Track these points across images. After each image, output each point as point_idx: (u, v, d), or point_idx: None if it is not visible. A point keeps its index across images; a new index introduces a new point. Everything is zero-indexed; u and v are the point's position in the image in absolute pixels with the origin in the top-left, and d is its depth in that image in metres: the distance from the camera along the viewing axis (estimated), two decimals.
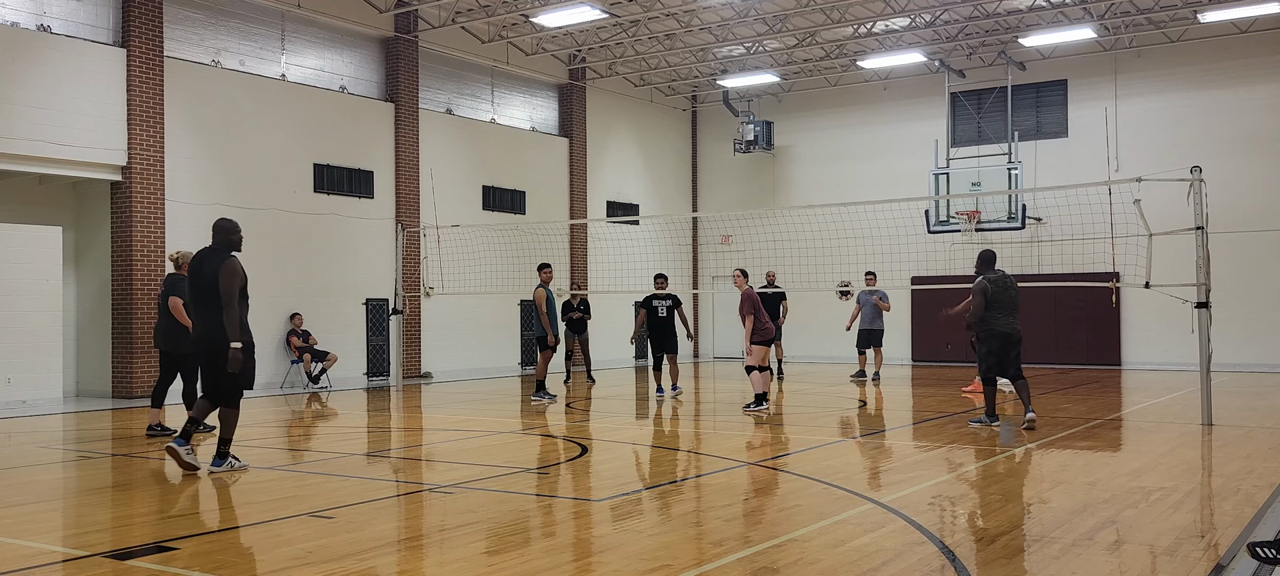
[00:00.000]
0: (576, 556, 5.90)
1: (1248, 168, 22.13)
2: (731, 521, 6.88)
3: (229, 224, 9.19)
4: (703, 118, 29.77)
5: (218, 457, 8.78)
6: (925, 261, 23.51)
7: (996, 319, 11.21)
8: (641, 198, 27.83)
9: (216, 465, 8.74)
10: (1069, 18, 22.07)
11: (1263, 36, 22.28)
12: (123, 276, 16.87)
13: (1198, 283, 11.85)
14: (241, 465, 8.88)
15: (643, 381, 20.35)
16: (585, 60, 25.45)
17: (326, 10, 19.99)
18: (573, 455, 10.04)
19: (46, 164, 16.06)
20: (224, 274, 8.69)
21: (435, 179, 20.68)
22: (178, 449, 8.64)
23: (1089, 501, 7.43)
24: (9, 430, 12.52)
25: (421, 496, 8.01)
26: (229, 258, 8.86)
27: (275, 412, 14.55)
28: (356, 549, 6.08)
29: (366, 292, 20.65)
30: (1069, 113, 24.45)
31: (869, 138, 26.73)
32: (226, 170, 18.33)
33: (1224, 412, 12.77)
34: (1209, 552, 5.83)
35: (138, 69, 16.82)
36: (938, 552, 5.80)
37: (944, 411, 13.75)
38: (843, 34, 23.68)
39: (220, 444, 8.80)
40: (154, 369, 16.87)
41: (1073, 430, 11.53)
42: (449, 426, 10.70)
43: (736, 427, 12.05)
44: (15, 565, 5.71)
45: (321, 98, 20.03)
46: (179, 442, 8.70)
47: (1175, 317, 17.67)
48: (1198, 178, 11.88)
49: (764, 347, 13.42)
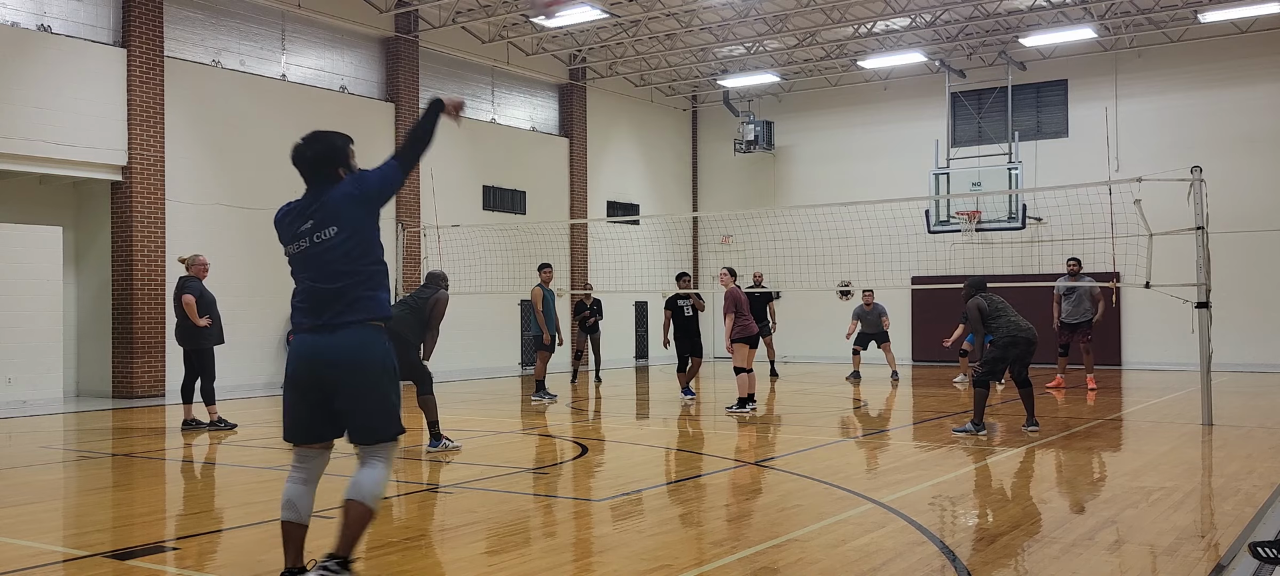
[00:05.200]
0: (576, 556, 5.89)
1: (1248, 168, 22.12)
2: (731, 521, 6.88)
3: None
4: (703, 118, 29.77)
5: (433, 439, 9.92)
6: (925, 261, 23.51)
7: (1013, 324, 10.88)
8: (642, 198, 27.83)
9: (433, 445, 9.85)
10: (1069, 18, 22.07)
11: (1263, 36, 22.28)
12: (123, 276, 16.87)
13: (1198, 282, 11.84)
14: (455, 445, 9.96)
15: (644, 381, 20.35)
16: (585, 60, 25.45)
17: (327, 10, 19.99)
18: (573, 455, 10.04)
19: (46, 164, 16.05)
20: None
21: (435, 179, 20.67)
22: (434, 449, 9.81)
23: (1089, 501, 7.43)
24: (9, 430, 12.53)
25: (421, 496, 8.01)
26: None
27: (275, 412, 14.55)
28: (357, 549, 6.08)
29: None
30: (1069, 113, 24.45)
31: (869, 138, 26.73)
32: (227, 170, 18.33)
33: (1224, 412, 12.76)
34: (1209, 552, 5.83)
35: (138, 69, 16.82)
36: (938, 552, 5.80)
37: (944, 411, 13.75)
38: (843, 34, 23.68)
39: (432, 427, 10.01)
40: (154, 369, 16.92)
41: (1073, 430, 11.53)
42: (449, 426, 10.71)
43: (736, 428, 12.04)
44: (15, 565, 5.71)
45: (322, 98, 20.03)
46: (433, 444, 9.90)
47: (1175, 317, 17.68)
48: (1198, 178, 11.88)
49: (746, 347, 13.26)
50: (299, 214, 4.79)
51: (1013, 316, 10.98)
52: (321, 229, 4.69)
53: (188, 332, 11.77)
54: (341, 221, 4.67)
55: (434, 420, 9.99)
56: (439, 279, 10.45)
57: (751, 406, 13.23)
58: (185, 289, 11.72)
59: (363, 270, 4.71)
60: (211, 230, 17.75)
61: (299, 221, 4.77)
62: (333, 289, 4.68)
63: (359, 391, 4.68)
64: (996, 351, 10.97)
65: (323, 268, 4.70)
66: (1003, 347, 10.92)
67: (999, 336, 10.92)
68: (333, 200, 4.71)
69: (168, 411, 14.58)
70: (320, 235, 4.69)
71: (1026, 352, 10.96)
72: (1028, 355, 10.99)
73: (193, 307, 11.62)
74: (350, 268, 4.68)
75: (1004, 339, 10.88)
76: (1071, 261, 16.44)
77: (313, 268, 4.73)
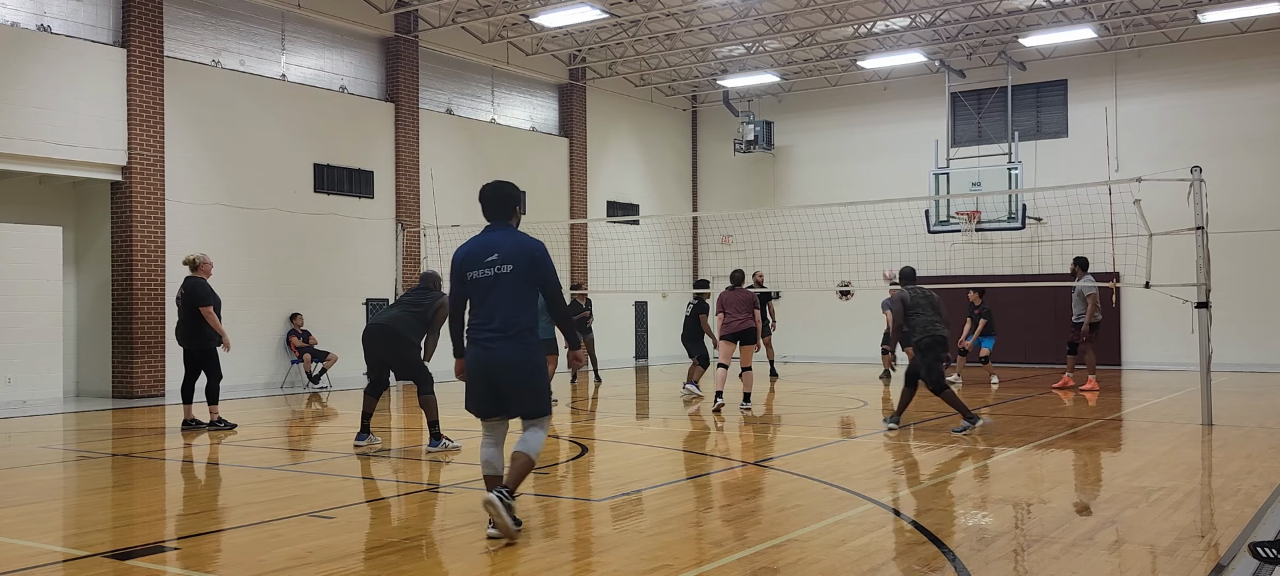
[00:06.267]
0: (576, 556, 5.89)
1: (1248, 168, 22.13)
2: (731, 521, 6.88)
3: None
4: (703, 118, 29.77)
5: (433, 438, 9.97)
6: (925, 261, 23.46)
7: (930, 322, 11.01)
8: (641, 198, 27.83)
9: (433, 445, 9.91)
10: (1069, 18, 22.07)
11: (1263, 36, 22.28)
12: (123, 276, 16.87)
13: (1198, 283, 11.84)
14: (454, 445, 9.97)
15: (643, 381, 20.35)
16: (585, 60, 25.45)
17: (326, 10, 19.99)
18: (573, 455, 10.04)
19: (46, 164, 16.06)
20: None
21: (435, 179, 20.67)
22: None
23: (1089, 501, 7.43)
24: (9, 430, 12.52)
25: (421, 496, 8.01)
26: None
27: (275, 412, 14.55)
28: (356, 549, 6.09)
29: (367, 293, 20.65)
30: (1069, 113, 24.45)
31: (869, 138, 26.73)
32: (226, 170, 18.33)
33: (1224, 412, 12.76)
34: (1209, 552, 5.83)
35: (138, 69, 16.82)
36: (938, 553, 5.80)
37: (944, 411, 13.75)
38: (843, 34, 23.68)
39: (432, 427, 10.00)
40: (154, 369, 16.91)
41: (1073, 430, 11.53)
42: (449, 426, 10.70)
43: (736, 428, 12.05)
44: (15, 565, 5.71)
45: (321, 97, 20.03)
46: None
47: (1175, 317, 17.68)
48: (1198, 178, 11.88)
49: (728, 344, 13.57)
50: (484, 248, 6.30)
51: (929, 315, 11.11)
52: (503, 264, 6.21)
53: (191, 332, 11.71)
54: (516, 264, 6.21)
55: (434, 420, 9.98)
56: (434, 280, 10.45)
57: (718, 400, 13.56)
58: (200, 297, 11.61)
59: (524, 300, 6.24)
60: (211, 230, 17.75)
61: (485, 254, 6.27)
62: (502, 310, 6.18)
63: (523, 382, 6.21)
64: (931, 355, 10.99)
65: (500, 293, 6.19)
66: (925, 349, 11.03)
67: (920, 337, 11.04)
68: (520, 248, 6.26)
69: (168, 411, 14.58)
70: (501, 268, 6.21)
71: (943, 349, 11.14)
72: (944, 355, 11.19)
73: (215, 320, 11.60)
74: (514, 298, 6.20)
75: (925, 340, 11.02)
76: (1073, 261, 16.42)
77: (490, 293, 6.21)
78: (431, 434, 9.99)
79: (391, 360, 10.15)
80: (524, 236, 6.36)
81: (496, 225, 6.41)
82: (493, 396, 6.24)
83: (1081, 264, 16.13)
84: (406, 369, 10.14)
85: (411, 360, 10.03)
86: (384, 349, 10.06)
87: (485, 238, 6.36)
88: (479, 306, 6.26)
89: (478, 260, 6.26)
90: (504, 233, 6.35)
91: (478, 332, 6.22)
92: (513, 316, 6.17)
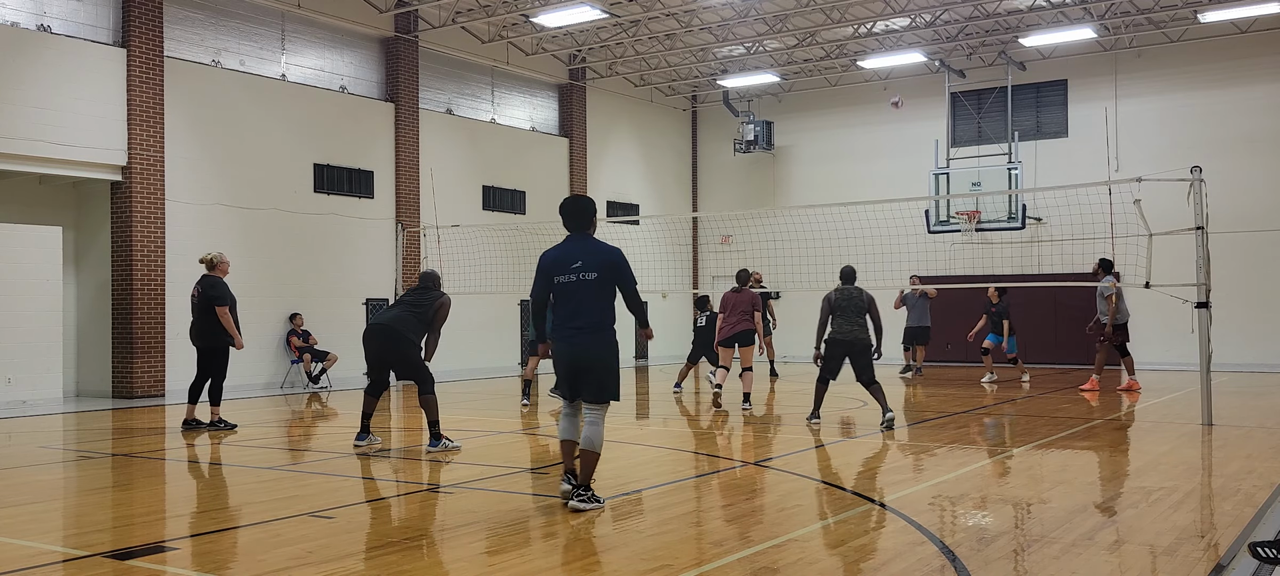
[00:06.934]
0: (576, 556, 5.90)
1: (1248, 168, 22.12)
2: (731, 521, 6.88)
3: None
4: (703, 118, 29.77)
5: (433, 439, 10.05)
6: (925, 261, 23.50)
7: (838, 325, 11.46)
8: (641, 198, 27.84)
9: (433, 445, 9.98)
10: (1069, 18, 22.07)
11: (1263, 36, 22.28)
12: (123, 276, 16.87)
13: (1198, 283, 11.84)
14: (455, 445, 10.06)
15: (643, 380, 20.35)
16: (585, 60, 25.45)
17: (326, 10, 19.99)
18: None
19: (46, 164, 16.06)
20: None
21: (435, 179, 20.67)
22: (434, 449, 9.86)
23: (1089, 501, 7.43)
24: (9, 430, 12.52)
25: (421, 496, 8.01)
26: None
27: (275, 412, 14.55)
28: (356, 549, 6.09)
29: (367, 292, 20.65)
30: (1069, 113, 24.45)
31: (869, 138, 26.73)
32: (226, 170, 18.33)
33: (1224, 412, 12.76)
34: (1209, 552, 5.83)
35: (138, 69, 16.82)
36: (938, 552, 5.80)
37: (944, 411, 13.75)
38: (843, 34, 23.68)
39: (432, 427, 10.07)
40: (154, 369, 16.92)
41: (1073, 430, 11.53)
42: (449, 426, 10.71)
43: (736, 428, 12.05)
44: (15, 565, 5.71)
45: (321, 98, 20.03)
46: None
47: (1175, 317, 17.67)
48: (1198, 178, 11.88)
49: (726, 348, 14.07)
50: (569, 255, 7.16)
51: (848, 319, 11.46)
52: (587, 271, 7.06)
53: (206, 331, 11.60)
54: (600, 272, 7.06)
55: (434, 420, 9.98)
56: (434, 279, 10.43)
57: (715, 385, 14.20)
58: (218, 297, 11.52)
59: (603, 302, 7.10)
60: (211, 230, 17.75)
61: (570, 260, 7.12)
62: (585, 310, 7.06)
63: (591, 369, 7.08)
64: (829, 350, 11.60)
65: (583, 295, 7.06)
66: (829, 347, 11.56)
67: (831, 336, 11.55)
68: (601, 257, 7.12)
69: (168, 411, 14.58)
70: (584, 274, 7.06)
71: (844, 353, 11.47)
72: (854, 359, 11.46)
73: (229, 320, 11.51)
74: (595, 300, 7.06)
75: (831, 344, 11.54)
76: (1097, 263, 16.50)
77: (574, 295, 7.09)
78: (432, 434, 9.99)
79: (392, 360, 10.14)
80: (603, 244, 7.24)
81: (577, 234, 7.28)
82: (572, 382, 7.18)
83: (1105, 265, 16.17)
84: (407, 369, 10.13)
85: (412, 360, 10.02)
86: (384, 348, 10.05)
87: (568, 246, 7.22)
88: (563, 305, 7.14)
89: (563, 266, 7.14)
90: (584, 241, 7.23)
91: (562, 328, 7.13)
92: (593, 315, 7.07)
